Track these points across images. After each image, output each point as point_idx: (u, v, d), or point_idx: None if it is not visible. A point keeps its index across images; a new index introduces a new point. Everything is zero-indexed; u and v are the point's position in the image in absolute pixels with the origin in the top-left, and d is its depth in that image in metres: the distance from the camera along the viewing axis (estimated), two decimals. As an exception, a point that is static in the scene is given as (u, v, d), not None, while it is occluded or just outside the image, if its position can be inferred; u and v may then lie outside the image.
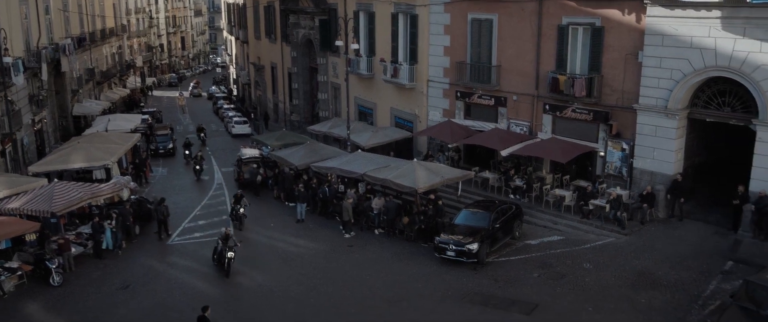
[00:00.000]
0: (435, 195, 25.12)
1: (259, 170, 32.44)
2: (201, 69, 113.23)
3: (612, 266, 20.37)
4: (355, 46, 33.64)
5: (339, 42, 33.85)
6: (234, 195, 27.16)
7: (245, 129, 49.05)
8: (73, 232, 23.94)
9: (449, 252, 21.29)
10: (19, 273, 20.88)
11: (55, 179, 26.52)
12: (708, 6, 20.61)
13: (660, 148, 22.93)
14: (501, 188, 27.38)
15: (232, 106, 61.21)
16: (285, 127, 45.48)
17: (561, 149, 25.02)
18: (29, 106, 34.66)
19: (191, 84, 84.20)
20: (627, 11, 23.27)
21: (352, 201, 25.36)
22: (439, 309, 18.45)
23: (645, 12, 22.45)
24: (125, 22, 72.17)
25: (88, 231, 23.82)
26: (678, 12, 21.44)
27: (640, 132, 23.38)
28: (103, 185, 26.08)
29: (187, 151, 39.60)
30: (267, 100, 55.14)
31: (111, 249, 23.60)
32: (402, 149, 32.60)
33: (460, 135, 28.90)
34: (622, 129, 24.22)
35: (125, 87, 65.76)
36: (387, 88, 34.49)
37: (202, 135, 45.90)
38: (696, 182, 24.23)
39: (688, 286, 18.60)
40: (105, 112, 48.11)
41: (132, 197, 27.06)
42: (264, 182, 31.91)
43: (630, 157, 24.00)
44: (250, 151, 34.51)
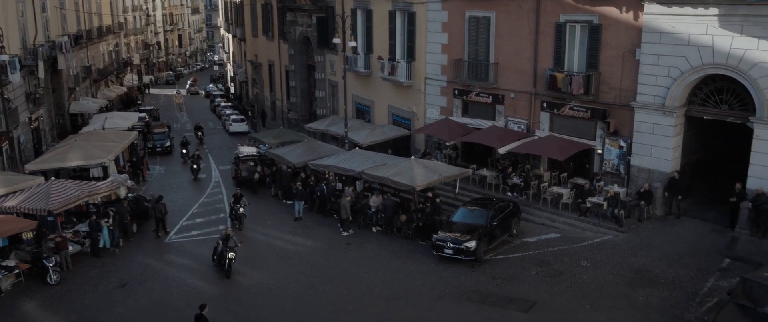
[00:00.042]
0: (433, 193, 25.11)
1: (257, 167, 32.40)
2: (198, 67, 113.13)
3: (609, 263, 20.39)
4: (353, 43, 33.59)
5: (336, 40, 33.88)
6: (233, 195, 27.06)
7: (243, 127, 49.05)
8: (70, 230, 23.93)
9: (447, 250, 21.28)
10: (16, 272, 20.85)
11: (52, 177, 26.45)
12: (705, 3, 20.62)
13: (657, 145, 22.94)
14: (499, 185, 27.39)
15: (229, 104, 61.20)
16: (282, 125, 45.48)
17: (559, 147, 25.02)
18: (26, 104, 34.59)
19: (188, 82, 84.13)
20: (624, 9, 23.27)
21: (349, 199, 25.34)
22: (437, 307, 18.44)
23: (642, 9, 22.45)
24: (122, 19, 72.05)
25: (85, 229, 23.77)
26: (675, 9, 21.44)
27: (637, 129, 23.38)
28: (101, 183, 25.98)
29: (185, 151, 39.47)
30: (264, 98, 55.08)
31: (108, 247, 23.55)
32: (400, 147, 32.54)
33: (457, 133, 28.91)
34: (619, 127, 24.24)
35: (122, 85, 65.72)
36: (384, 85, 34.46)
37: (199, 133, 45.84)
38: (693, 179, 24.26)
39: (685, 283, 18.61)
40: (102, 110, 48.07)
41: (129, 196, 26.99)
42: (261, 179, 31.86)
43: (627, 155, 24.01)
44: (247, 149, 34.49)
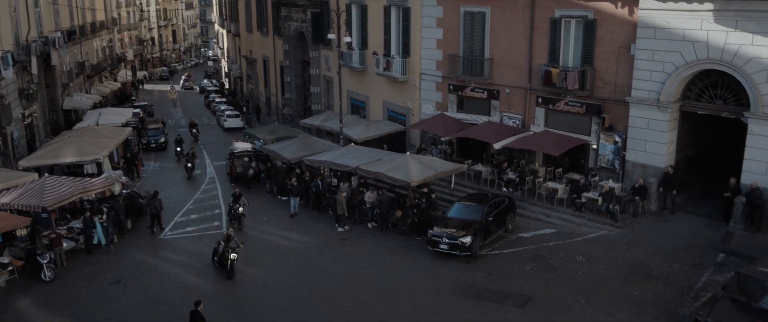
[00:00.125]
0: (428, 188, 25.12)
1: (252, 163, 32.30)
2: (192, 62, 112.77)
3: (604, 258, 20.44)
4: (348, 39, 33.54)
5: (331, 35, 33.81)
6: (232, 194, 26.59)
7: (237, 123, 48.92)
8: (65, 227, 23.80)
9: (442, 245, 21.29)
10: (10, 268, 20.74)
11: (46, 174, 26.35)
12: (700, -1, 20.66)
13: (652, 140, 22.98)
14: (494, 181, 27.41)
15: (224, 99, 61.02)
16: (277, 121, 45.41)
17: (554, 142, 25.05)
18: (19, 100, 34.40)
19: (183, 77, 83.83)
20: (619, 4, 23.27)
21: (345, 195, 25.32)
22: (433, 303, 18.45)
23: (637, 5, 22.45)
24: (116, 15, 71.78)
25: (79, 226, 23.67)
26: (670, 5, 21.45)
27: (632, 125, 23.42)
28: (95, 180, 25.87)
29: (179, 148, 38.91)
30: (259, 93, 54.93)
31: (103, 244, 23.46)
32: (395, 142, 32.54)
33: (452, 128, 28.90)
34: (614, 122, 24.27)
35: (116, 81, 65.45)
36: (379, 81, 34.40)
37: (194, 131, 45.50)
38: (688, 174, 24.33)
39: (680, 278, 18.68)
40: (96, 106, 47.85)
41: (124, 192, 26.89)
42: (256, 175, 31.76)
43: (622, 150, 24.05)
44: (242, 145, 34.38)
